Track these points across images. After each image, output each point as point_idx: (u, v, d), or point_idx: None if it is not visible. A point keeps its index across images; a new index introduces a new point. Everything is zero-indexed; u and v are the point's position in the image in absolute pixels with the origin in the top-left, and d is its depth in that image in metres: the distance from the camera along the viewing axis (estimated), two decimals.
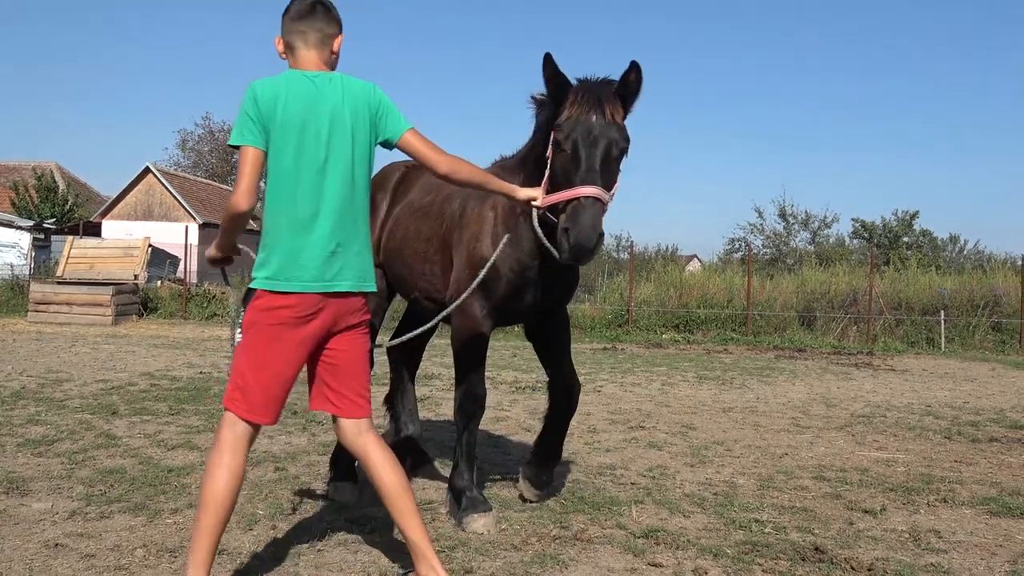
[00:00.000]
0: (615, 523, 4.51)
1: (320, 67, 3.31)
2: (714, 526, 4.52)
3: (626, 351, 16.10)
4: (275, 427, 6.83)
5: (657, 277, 23.60)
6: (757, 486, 5.43)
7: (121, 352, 12.89)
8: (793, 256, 36.61)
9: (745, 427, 7.70)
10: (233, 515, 4.39)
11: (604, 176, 3.71)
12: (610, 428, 7.42)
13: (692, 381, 11.27)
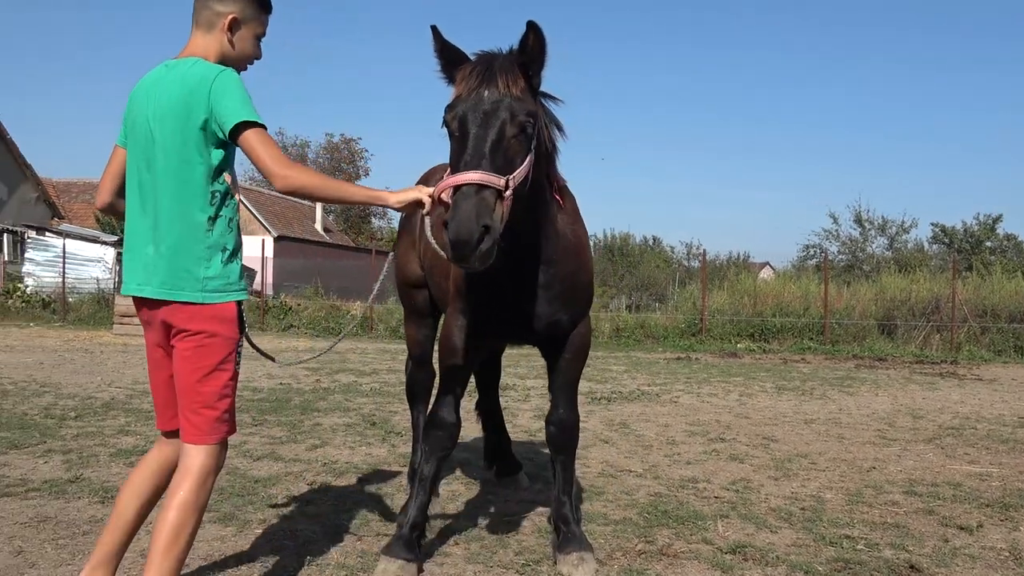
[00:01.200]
0: (701, 538, 4.44)
1: (207, 53, 3.02)
2: (803, 542, 4.43)
3: (700, 361, 15.92)
4: (355, 438, 6.96)
5: (730, 285, 23.32)
6: (845, 501, 5.31)
7: None
8: (870, 263, 35.79)
9: (829, 439, 7.53)
10: (319, 525, 4.50)
11: (496, 158, 3.11)
12: (689, 440, 7.34)
13: (771, 392, 11.08)
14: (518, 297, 3.81)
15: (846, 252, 38.78)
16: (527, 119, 3.21)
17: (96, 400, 8.76)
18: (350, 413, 8.35)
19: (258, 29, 3.13)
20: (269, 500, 4.98)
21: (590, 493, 5.33)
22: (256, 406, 8.64)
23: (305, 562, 3.93)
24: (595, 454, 6.60)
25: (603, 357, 16.17)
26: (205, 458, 2.94)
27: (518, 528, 4.56)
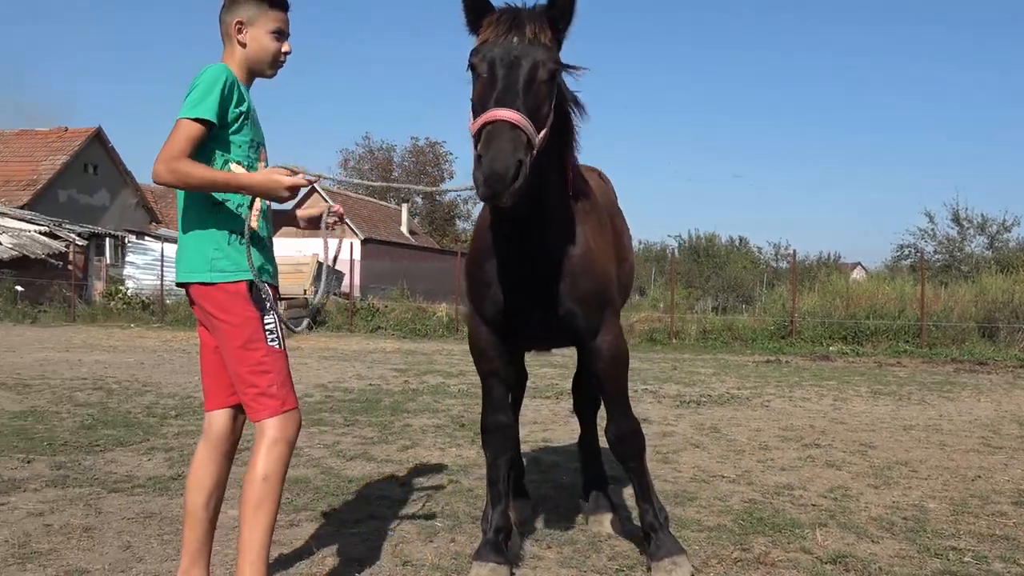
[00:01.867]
0: (799, 547, 4.33)
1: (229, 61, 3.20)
2: (907, 553, 4.27)
3: (791, 364, 15.58)
4: (445, 439, 7.01)
5: (821, 286, 22.79)
6: (950, 511, 5.11)
7: (295, 364, 13.38)
8: (969, 263, 34.43)
9: (930, 446, 7.28)
10: (413, 526, 4.54)
11: (528, 99, 3.06)
12: (782, 445, 7.18)
13: (866, 396, 10.77)
14: (522, 293, 3.68)
15: (943, 252, 37.40)
16: (554, 66, 3.20)
17: (194, 399, 9.00)
18: (439, 414, 8.42)
19: (269, 25, 3.20)
20: (363, 500, 5.05)
21: (683, 498, 5.26)
22: (348, 407, 8.79)
23: (400, 562, 3.97)
24: (686, 458, 6.51)
25: (690, 360, 15.98)
26: (268, 431, 3.05)
27: (613, 532, 4.53)
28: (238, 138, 3.14)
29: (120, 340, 17.77)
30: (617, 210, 4.70)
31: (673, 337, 19.89)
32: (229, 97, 3.07)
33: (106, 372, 11.44)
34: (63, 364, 12.41)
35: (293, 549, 4.13)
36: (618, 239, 4.27)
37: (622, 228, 4.56)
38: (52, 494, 4.98)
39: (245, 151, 3.17)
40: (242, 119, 3.14)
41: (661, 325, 20.60)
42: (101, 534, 4.28)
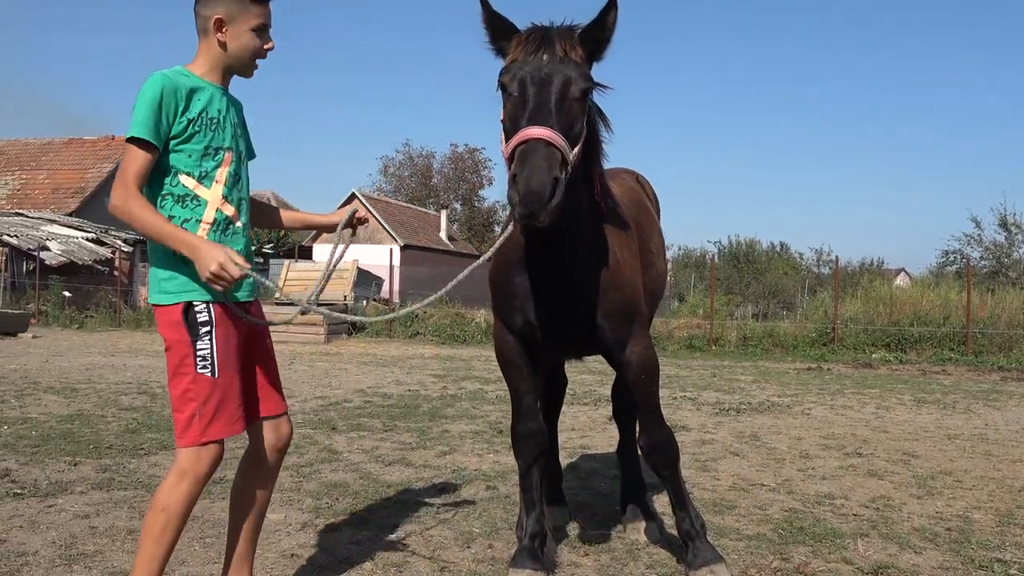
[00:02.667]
0: (840, 556, 4.28)
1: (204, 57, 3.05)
2: (951, 564, 4.20)
3: (833, 371, 15.39)
4: (483, 446, 7.02)
5: (864, 293, 22.48)
6: (996, 522, 5.01)
7: (335, 369, 13.60)
8: (1017, 269, 33.78)
9: (975, 456, 7.14)
10: (450, 531, 4.55)
11: (560, 117, 3.03)
12: (824, 454, 7.09)
13: (909, 405, 10.60)
14: (549, 305, 3.65)
15: (990, 258, 36.70)
16: (586, 85, 3.15)
17: None
18: (477, 420, 8.44)
19: (252, 21, 3.01)
20: (401, 505, 5.07)
21: (721, 507, 5.22)
22: (386, 412, 8.84)
23: (438, 568, 3.98)
24: (725, 466, 6.46)
25: (730, 366, 15.85)
26: (181, 461, 2.90)
27: (651, 540, 4.50)
28: (187, 147, 2.93)
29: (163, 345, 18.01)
30: (647, 213, 4.59)
31: (712, 344, 19.75)
32: (170, 108, 2.87)
33: (150, 376, 11.60)
34: (108, 368, 12.62)
35: (332, 555, 4.16)
36: (644, 245, 4.18)
37: (651, 231, 4.43)
38: (98, 496, 5.07)
39: (196, 160, 2.95)
40: (190, 127, 2.92)
41: (700, 332, 20.46)
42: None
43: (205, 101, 2.97)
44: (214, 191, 2.99)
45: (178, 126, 2.89)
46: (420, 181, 61.89)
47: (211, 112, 2.98)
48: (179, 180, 2.93)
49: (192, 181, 2.95)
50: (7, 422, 7.51)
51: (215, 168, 3.00)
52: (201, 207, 2.96)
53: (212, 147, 2.98)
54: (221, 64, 3.04)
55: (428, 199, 59.96)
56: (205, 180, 2.98)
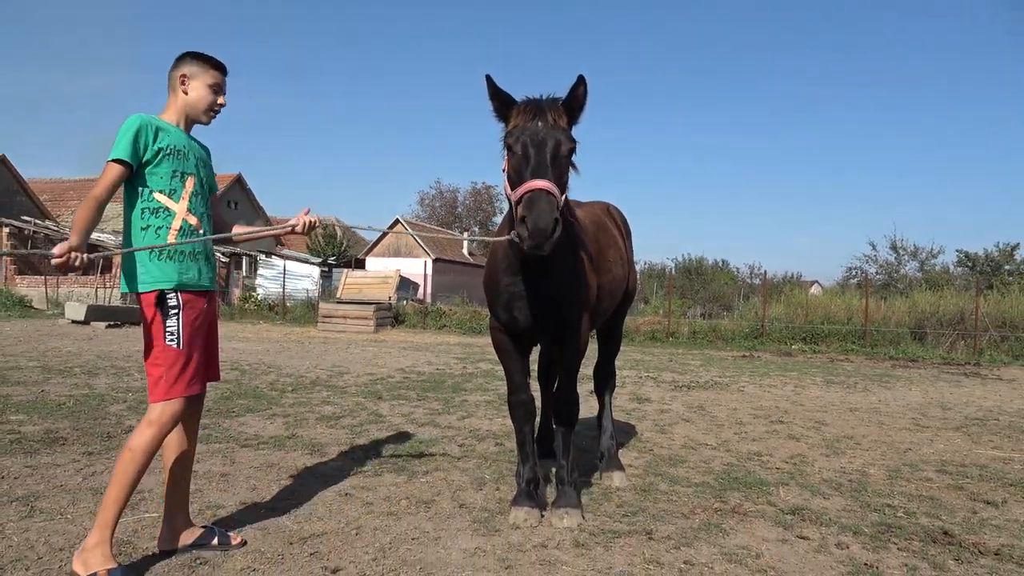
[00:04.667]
0: (766, 500, 4.24)
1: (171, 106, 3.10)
2: (851, 508, 4.16)
3: (761, 359, 15.29)
4: (493, 412, 6.99)
5: (786, 299, 22.30)
6: (886, 476, 4.97)
7: (381, 353, 13.57)
8: (903, 282, 33.54)
9: (871, 425, 7.08)
10: (467, 477, 4.52)
11: (555, 171, 3.12)
12: (754, 421, 7.04)
13: (821, 384, 10.52)
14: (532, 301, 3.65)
15: (883, 273, 36.44)
16: (571, 145, 3.23)
17: (306, 378, 9.11)
18: (489, 392, 8.40)
19: (208, 80, 3.10)
20: (430, 457, 5.05)
21: (675, 461, 5.18)
22: (420, 385, 8.81)
23: (457, 505, 3.97)
24: (678, 430, 6.42)
25: (683, 354, 15.76)
26: (150, 413, 2.91)
27: (620, 486, 4.46)
28: (159, 170, 2.96)
29: (251, 333, 18.02)
30: (606, 232, 4.48)
31: (669, 336, 19.62)
32: (144, 138, 2.91)
33: (241, 357, 11.59)
34: None
35: (376, 494, 4.14)
36: (602, 255, 4.16)
37: (608, 246, 4.34)
38: (199, 448, 5.03)
39: (167, 180, 2.98)
40: (161, 155, 2.95)
41: (660, 327, 20.33)
42: (234, 479, 4.33)
43: (171, 138, 3.01)
44: (181, 204, 3.02)
45: (150, 153, 2.93)
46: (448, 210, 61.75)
47: (177, 145, 3.02)
48: (153, 196, 2.97)
49: (164, 197, 2.98)
50: (132, 391, 7.51)
51: (182, 187, 3.03)
52: (171, 217, 2.99)
53: (179, 171, 3.02)
54: (183, 112, 3.10)
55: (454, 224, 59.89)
56: (174, 196, 3.01)
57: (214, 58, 3.15)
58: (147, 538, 3.25)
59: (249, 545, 3.25)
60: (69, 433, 5.30)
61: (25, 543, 3.16)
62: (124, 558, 3.04)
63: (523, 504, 3.76)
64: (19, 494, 3.83)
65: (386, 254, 40.52)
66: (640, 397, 8.38)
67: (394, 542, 3.37)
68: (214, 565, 3.03)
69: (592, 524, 3.71)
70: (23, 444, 4.91)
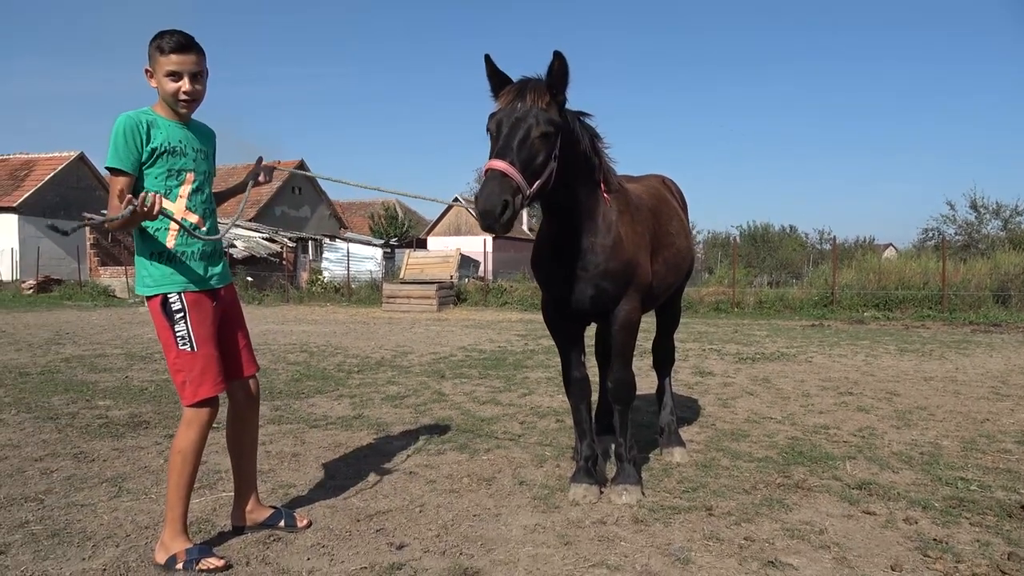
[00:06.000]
0: (831, 475, 4.17)
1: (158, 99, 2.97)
2: (922, 482, 4.05)
3: (831, 327, 14.85)
4: (554, 389, 7.03)
5: (857, 264, 21.52)
6: (961, 448, 4.80)
7: (444, 332, 13.78)
8: (985, 242, 31.90)
9: (946, 395, 6.83)
10: (528, 454, 4.58)
11: (520, 152, 3.05)
12: (822, 393, 6.88)
13: (894, 353, 10.15)
14: (566, 278, 3.64)
15: (962, 234, 34.80)
16: (548, 127, 3.14)
17: (371, 359, 9.33)
18: (550, 369, 8.44)
19: (165, 67, 2.87)
20: (492, 435, 5.13)
21: (737, 435, 5.12)
22: (482, 363, 8.92)
23: (518, 482, 4.04)
24: (742, 404, 6.34)
25: (748, 325, 15.46)
26: (186, 414, 2.96)
27: (680, 461, 4.45)
28: (153, 170, 2.89)
29: (319, 315, 18.52)
30: (666, 203, 4.42)
31: (735, 307, 19.25)
32: (136, 140, 2.82)
33: (309, 339, 11.95)
34: (279, 334, 13.04)
35: (439, 472, 4.25)
36: (662, 228, 4.10)
37: (669, 218, 4.29)
38: (272, 429, 5.27)
39: (162, 181, 2.90)
40: (155, 155, 2.87)
41: (725, 297, 19.95)
42: (304, 459, 4.51)
43: (164, 135, 2.90)
44: (178, 204, 2.96)
45: (144, 154, 2.86)
46: None
47: (171, 141, 2.92)
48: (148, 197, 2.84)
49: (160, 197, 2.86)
50: None
51: (178, 186, 2.95)
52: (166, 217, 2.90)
53: (174, 169, 2.93)
54: (164, 101, 2.95)
55: None
56: (170, 195, 2.93)
57: (169, 39, 2.87)
58: (224, 516, 3.43)
59: (318, 522, 3.40)
60: (151, 417, 5.61)
61: (114, 521, 3.39)
62: (203, 535, 3.23)
63: (582, 481, 3.81)
64: (108, 475, 4.10)
65: (447, 233, 40.88)
66: (703, 371, 8.29)
67: (456, 519, 3.47)
68: (287, 542, 3.19)
69: (652, 500, 3.73)
70: (110, 428, 5.22)
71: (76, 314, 17.91)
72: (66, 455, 4.50)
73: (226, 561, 2.93)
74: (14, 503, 3.62)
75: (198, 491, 3.76)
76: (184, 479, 2.96)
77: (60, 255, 30.65)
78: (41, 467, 4.24)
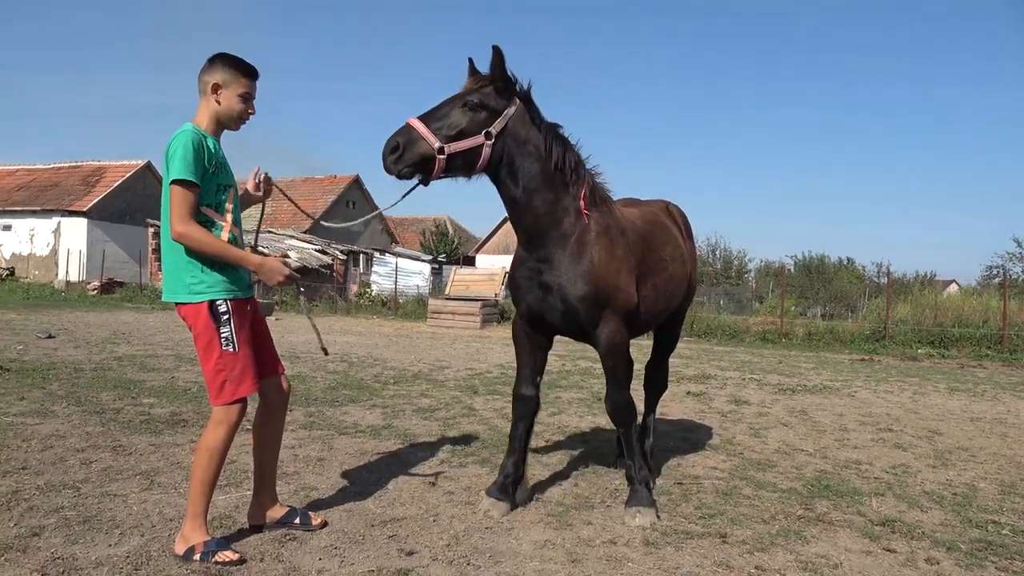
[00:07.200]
0: (855, 510, 4.08)
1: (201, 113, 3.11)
2: (950, 523, 3.94)
3: (882, 363, 14.42)
4: (584, 410, 7.01)
5: (914, 299, 20.88)
6: (998, 491, 4.64)
7: (484, 348, 13.87)
8: None
9: (992, 436, 6.58)
10: (547, 472, 4.59)
11: (436, 115, 3.37)
12: (859, 428, 6.71)
13: (943, 392, 9.82)
14: (538, 298, 3.71)
15: None
16: (473, 99, 3.41)
17: (408, 371, 9.46)
18: (583, 391, 8.44)
19: (240, 90, 3.09)
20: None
21: (764, 465, 5.05)
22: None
23: (536, 497, 4.07)
24: (774, 434, 6.23)
25: (794, 356, 15.13)
26: (217, 414, 3.10)
27: (701, 487, 4.42)
28: (207, 185, 3.01)
29: (364, 327, 18.83)
30: (662, 229, 4.37)
31: (782, 337, 18.86)
32: (200, 155, 2.96)
33: (351, 349, 12.17)
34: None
35: (458, 484, 4.30)
36: (654, 254, 4.07)
37: (664, 243, 4.25)
38: (302, 434, 5.41)
39: (213, 195, 3.05)
40: (210, 170, 3.01)
41: (773, 327, 19.56)
42: (329, 464, 4.62)
43: (213, 148, 3.06)
44: (226, 218, 3.12)
45: (207, 168, 3.00)
46: None
47: (219, 158, 3.08)
48: (201, 210, 3.02)
49: (211, 211, 3.06)
50: None
51: (225, 200, 3.12)
52: (218, 231, 3.07)
53: (222, 184, 3.10)
54: (216, 119, 3.11)
55: None
56: (219, 209, 3.09)
57: (245, 64, 3.13)
58: (245, 514, 3.55)
59: (334, 525, 3.49)
60: (191, 416, 5.82)
61: (142, 512, 3.55)
62: (223, 531, 3.35)
63: (493, 495, 3.84)
64: (142, 468, 4.28)
65: (496, 251, 41.16)
66: (739, 399, 8.17)
67: (468, 530, 3.52)
68: (301, 541, 3.28)
69: (666, 524, 3.71)
70: (150, 424, 5.44)
71: (133, 315, 18.62)
72: (106, 447, 4.71)
73: (241, 555, 3.04)
74: (53, 489, 3.81)
75: (223, 488, 3.91)
76: (209, 476, 3.09)
77: (124, 259, 31.92)
78: (82, 457, 4.46)
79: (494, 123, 3.45)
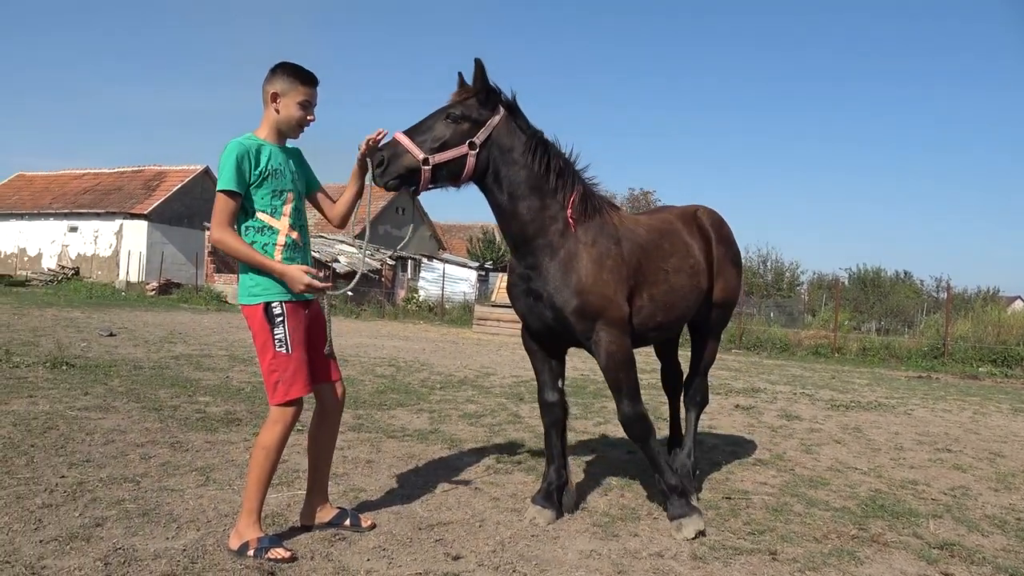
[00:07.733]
0: (912, 532, 3.96)
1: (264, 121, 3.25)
2: (1013, 548, 3.79)
3: (940, 380, 13.95)
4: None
5: (975, 316, 20.15)
6: None
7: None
8: None
9: None
10: (592, 481, 4.58)
11: (420, 128, 3.43)
12: (916, 448, 6.51)
13: (1006, 412, 9.44)
14: (530, 307, 3.76)
15: None
16: (456, 111, 3.47)
17: (455, 377, 9.54)
18: None
19: (299, 97, 3.19)
20: None
21: (816, 483, 4.94)
22: None
23: (582, 506, 4.06)
24: (827, 452, 6.08)
25: (848, 371, 14.75)
26: (273, 413, 3.18)
27: (750, 502, 4.35)
28: (260, 192, 3.14)
29: (411, 332, 19.02)
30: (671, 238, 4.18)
31: (836, 351, 18.41)
32: (246, 165, 3.08)
33: (398, 354, 12.31)
34: (371, 347, 13.49)
35: (504, 491, 4.32)
36: (655, 264, 3.94)
37: (671, 254, 4.09)
38: (351, 436, 5.50)
39: (268, 201, 3.17)
40: (261, 177, 3.13)
41: (826, 342, 19.11)
42: (377, 466, 4.69)
43: (268, 156, 3.17)
44: (282, 222, 3.21)
45: (253, 177, 3.13)
46: None
47: (274, 164, 3.18)
48: (257, 216, 3.17)
49: (266, 216, 3.18)
50: None
51: (282, 205, 3.21)
52: (275, 234, 3.20)
53: (278, 190, 3.19)
54: (276, 127, 3.24)
55: None
56: (275, 214, 3.20)
57: (304, 71, 3.23)
58: (297, 512, 3.63)
59: (382, 527, 3.55)
60: (244, 415, 5.98)
61: (198, 507, 3.66)
62: (276, 528, 3.44)
63: (538, 503, 3.85)
64: (199, 465, 4.41)
65: None
66: (790, 414, 8.01)
67: (514, 537, 3.53)
68: (351, 541, 3.34)
69: (715, 539, 3.67)
70: (206, 422, 5.61)
71: (190, 316, 19.17)
72: (164, 443, 4.88)
73: (292, 553, 3.11)
74: (114, 482, 3.96)
75: (276, 487, 4.00)
76: (264, 473, 3.18)
77: (181, 260, 32.96)
78: (141, 452, 4.62)
79: (478, 133, 3.50)
